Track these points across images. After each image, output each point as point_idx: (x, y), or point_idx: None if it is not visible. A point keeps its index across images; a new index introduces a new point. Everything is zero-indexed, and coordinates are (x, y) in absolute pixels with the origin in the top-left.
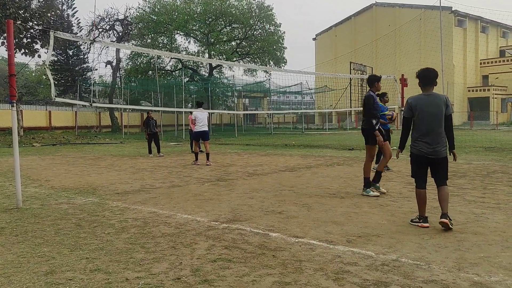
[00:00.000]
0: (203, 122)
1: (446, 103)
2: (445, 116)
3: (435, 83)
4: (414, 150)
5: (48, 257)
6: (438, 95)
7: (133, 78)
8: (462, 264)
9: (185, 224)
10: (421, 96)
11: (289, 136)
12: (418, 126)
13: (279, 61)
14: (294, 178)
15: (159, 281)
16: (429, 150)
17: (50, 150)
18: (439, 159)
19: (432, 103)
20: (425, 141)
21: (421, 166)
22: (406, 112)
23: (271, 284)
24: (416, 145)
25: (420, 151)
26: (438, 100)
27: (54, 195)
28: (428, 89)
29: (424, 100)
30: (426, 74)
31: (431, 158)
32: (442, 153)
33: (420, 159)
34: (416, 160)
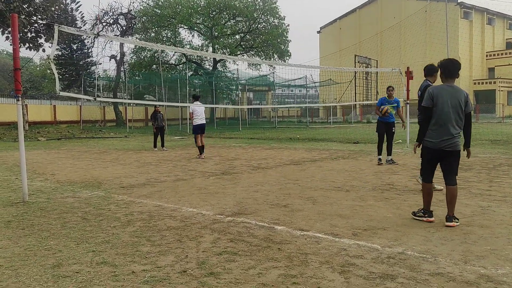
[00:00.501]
0: (202, 115)
1: (466, 99)
2: (465, 114)
3: (457, 75)
4: (429, 143)
5: (55, 250)
6: (460, 89)
7: (137, 72)
8: (469, 257)
9: (191, 217)
10: (443, 87)
11: (294, 130)
12: (438, 118)
13: (284, 54)
14: (299, 171)
15: (165, 273)
16: (447, 143)
17: (55, 144)
18: (453, 152)
19: (453, 95)
20: (443, 133)
21: (434, 159)
22: (427, 101)
23: (277, 277)
24: (433, 138)
25: (437, 144)
26: (460, 94)
27: (60, 189)
28: (450, 81)
29: (446, 91)
30: (450, 65)
31: (446, 151)
32: (457, 146)
33: (435, 152)
34: (430, 153)
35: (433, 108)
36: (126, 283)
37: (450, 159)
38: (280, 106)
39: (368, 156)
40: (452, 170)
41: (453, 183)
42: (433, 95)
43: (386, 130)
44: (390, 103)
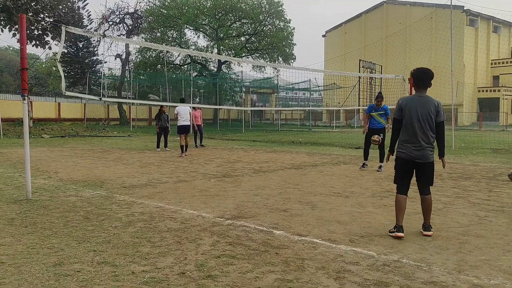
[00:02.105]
0: (185, 117)
1: (437, 108)
2: (436, 123)
3: (429, 85)
4: (401, 154)
5: (57, 248)
6: (430, 98)
7: (142, 71)
8: (463, 267)
9: (191, 219)
10: (413, 97)
11: (296, 133)
12: (407, 128)
13: (288, 57)
14: (299, 176)
15: (164, 275)
16: (417, 153)
17: (59, 142)
18: (425, 164)
19: (423, 105)
20: (413, 144)
21: (407, 170)
22: (396, 113)
23: (273, 281)
24: (403, 148)
25: (408, 154)
26: (430, 104)
27: (63, 187)
28: (421, 90)
29: (416, 101)
30: (422, 75)
31: (418, 163)
32: (429, 158)
33: (407, 163)
34: (403, 164)
35: (402, 119)
36: (126, 283)
37: (423, 170)
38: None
39: (368, 162)
40: (425, 181)
41: (427, 192)
42: (402, 107)
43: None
44: (377, 111)
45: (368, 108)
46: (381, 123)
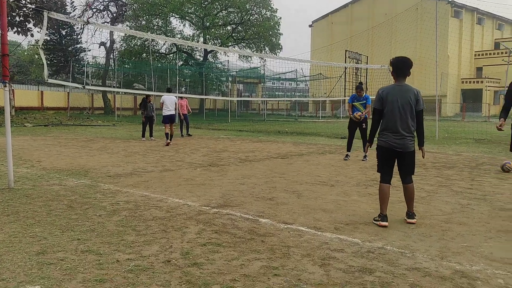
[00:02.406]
0: (170, 107)
1: (417, 97)
2: (416, 112)
3: (408, 73)
4: (382, 142)
5: (39, 237)
6: (410, 87)
7: (127, 60)
8: (445, 253)
9: (176, 208)
10: (392, 86)
11: (282, 123)
12: (387, 117)
13: (275, 47)
14: (285, 165)
15: (150, 263)
16: (397, 142)
17: (42, 131)
18: (406, 153)
19: (403, 94)
20: (393, 133)
21: (388, 159)
22: (376, 103)
23: (259, 268)
24: (383, 137)
25: (388, 143)
26: (409, 93)
27: (46, 176)
28: (400, 79)
29: (395, 91)
30: (399, 64)
31: (398, 152)
32: (410, 147)
33: (387, 152)
34: (384, 153)
35: (383, 110)
36: (111, 271)
37: (404, 160)
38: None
39: (354, 151)
40: (407, 170)
41: (409, 181)
42: (382, 96)
43: (357, 126)
44: (359, 100)
45: (350, 98)
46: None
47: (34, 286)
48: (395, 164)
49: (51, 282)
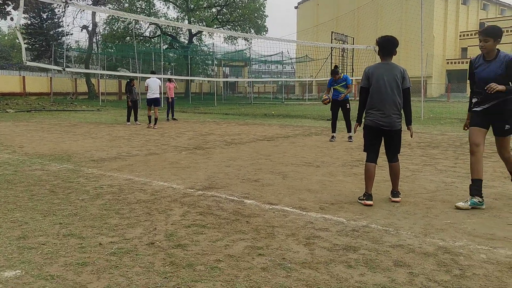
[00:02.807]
0: (155, 90)
1: (403, 75)
2: (403, 90)
3: (394, 52)
4: (368, 121)
5: (20, 222)
6: (395, 65)
7: (110, 44)
8: (429, 230)
9: (161, 191)
10: (378, 65)
11: (269, 106)
12: (374, 96)
13: (260, 29)
14: (271, 147)
15: (133, 245)
16: (384, 121)
17: (24, 117)
18: (393, 131)
19: (389, 72)
20: (380, 111)
21: (375, 138)
22: (363, 81)
23: (243, 248)
24: (370, 116)
25: (375, 122)
26: (395, 71)
27: (28, 162)
28: (387, 58)
29: (381, 69)
30: (387, 43)
31: (385, 130)
32: (397, 125)
33: (374, 131)
34: (370, 131)
35: (369, 88)
36: (93, 254)
37: (391, 138)
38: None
39: (340, 133)
40: (393, 149)
41: (395, 160)
42: (368, 74)
43: (339, 107)
44: (338, 83)
45: (328, 83)
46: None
47: (15, 271)
48: (381, 143)
49: (31, 266)
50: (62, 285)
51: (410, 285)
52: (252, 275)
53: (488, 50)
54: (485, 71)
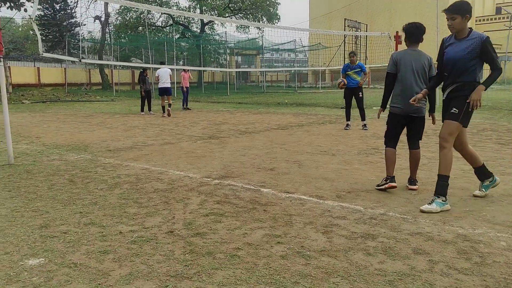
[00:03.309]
0: (165, 79)
1: (430, 62)
2: (429, 77)
3: (421, 39)
4: (395, 109)
5: (42, 211)
6: (423, 53)
7: (123, 34)
8: (448, 218)
9: (178, 180)
10: (406, 51)
11: (282, 95)
12: (402, 81)
13: (272, 17)
14: (286, 136)
15: (153, 234)
16: (412, 107)
17: (40, 107)
18: (418, 118)
19: (417, 58)
20: (407, 97)
21: (398, 125)
22: (390, 67)
23: (262, 236)
24: (397, 103)
25: (402, 109)
26: (423, 58)
27: (46, 152)
28: (414, 45)
29: (409, 56)
30: (414, 30)
31: (412, 117)
32: (423, 111)
33: (401, 118)
34: (394, 118)
35: (397, 74)
36: (114, 243)
37: (415, 125)
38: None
39: (355, 121)
40: (416, 135)
41: (416, 147)
42: (396, 61)
43: (353, 95)
44: (352, 69)
45: (343, 68)
46: (358, 81)
47: (39, 259)
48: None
49: (54, 254)
50: (85, 273)
51: (430, 272)
52: (272, 263)
53: (457, 29)
54: (453, 50)
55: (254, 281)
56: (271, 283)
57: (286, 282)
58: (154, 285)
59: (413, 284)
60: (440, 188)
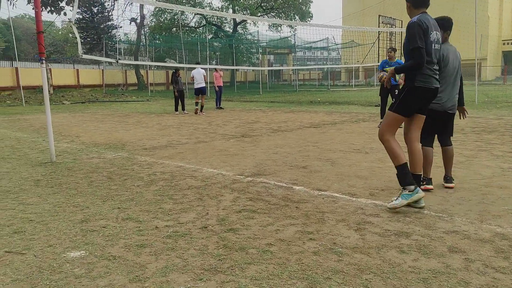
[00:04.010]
0: (200, 81)
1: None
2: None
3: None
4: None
5: (82, 206)
6: (454, 47)
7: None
8: (485, 216)
9: (211, 177)
10: (447, 46)
11: (315, 93)
12: (447, 76)
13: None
14: (318, 134)
15: (187, 229)
16: (450, 104)
17: (79, 108)
18: (452, 114)
19: (454, 53)
20: (449, 93)
21: (436, 122)
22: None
23: (294, 233)
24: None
25: (442, 105)
26: (457, 52)
27: (85, 150)
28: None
29: (450, 51)
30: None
31: (448, 113)
32: (456, 108)
33: (438, 114)
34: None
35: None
36: (150, 237)
37: (448, 121)
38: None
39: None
40: (449, 131)
41: (450, 143)
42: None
43: (389, 93)
44: (391, 66)
45: (380, 64)
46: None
47: (79, 251)
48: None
49: (94, 247)
50: (124, 265)
51: (466, 271)
52: (304, 259)
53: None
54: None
55: (286, 276)
56: (303, 279)
57: (318, 277)
58: (189, 278)
59: (448, 282)
60: (400, 180)
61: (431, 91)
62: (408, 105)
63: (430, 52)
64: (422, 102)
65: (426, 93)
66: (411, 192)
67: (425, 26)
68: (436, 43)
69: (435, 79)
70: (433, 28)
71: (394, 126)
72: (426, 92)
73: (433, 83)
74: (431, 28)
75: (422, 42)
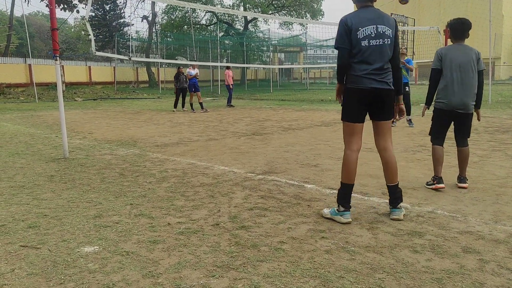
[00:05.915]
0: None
1: (478, 56)
2: (478, 72)
3: (467, 35)
4: (441, 104)
5: (95, 202)
6: (470, 47)
7: (169, 33)
8: (500, 217)
9: (222, 175)
10: (452, 46)
11: (326, 92)
12: (448, 78)
13: (316, 13)
14: (329, 132)
15: (199, 226)
16: (458, 103)
17: (91, 105)
18: (466, 114)
19: (464, 53)
20: (454, 94)
21: (446, 122)
22: (435, 62)
23: (306, 231)
24: (443, 98)
25: (448, 104)
26: (469, 51)
27: (98, 147)
28: (459, 41)
29: (456, 50)
30: (458, 26)
31: (459, 113)
32: (471, 108)
33: (447, 114)
34: (442, 114)
35: (442, 69)
36: (163, 233)
37: (462, 121)
38: (311, 66)
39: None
40: (464, 132)
41: (465, 144)
42: (441, 56)
43: None
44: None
45: None
46: (406, 77)
47: (93, 247)
48: (449, 127)
49: (108, 243)
50: (137, 261)
51: (481, 271)
52: (316, 257)
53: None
54: None
55: (298, 274)
56: (316, 277)
57: (330, 276)
58: (201, 275)
59: (463, 283)
60: (338, 197)
61: (365, 91)
62: (347, 109)
63: (359, 50)
64: (359, 104)
65: (359, 93)
66: (338, 212)
67: (350, 23)
68: (374, 38)
69: (371, 79)
70: (368, 23)
71: (348, 134)
72: (359, 92)
73: (366, 83)
74: (362, 24)
75: (343, 42)
